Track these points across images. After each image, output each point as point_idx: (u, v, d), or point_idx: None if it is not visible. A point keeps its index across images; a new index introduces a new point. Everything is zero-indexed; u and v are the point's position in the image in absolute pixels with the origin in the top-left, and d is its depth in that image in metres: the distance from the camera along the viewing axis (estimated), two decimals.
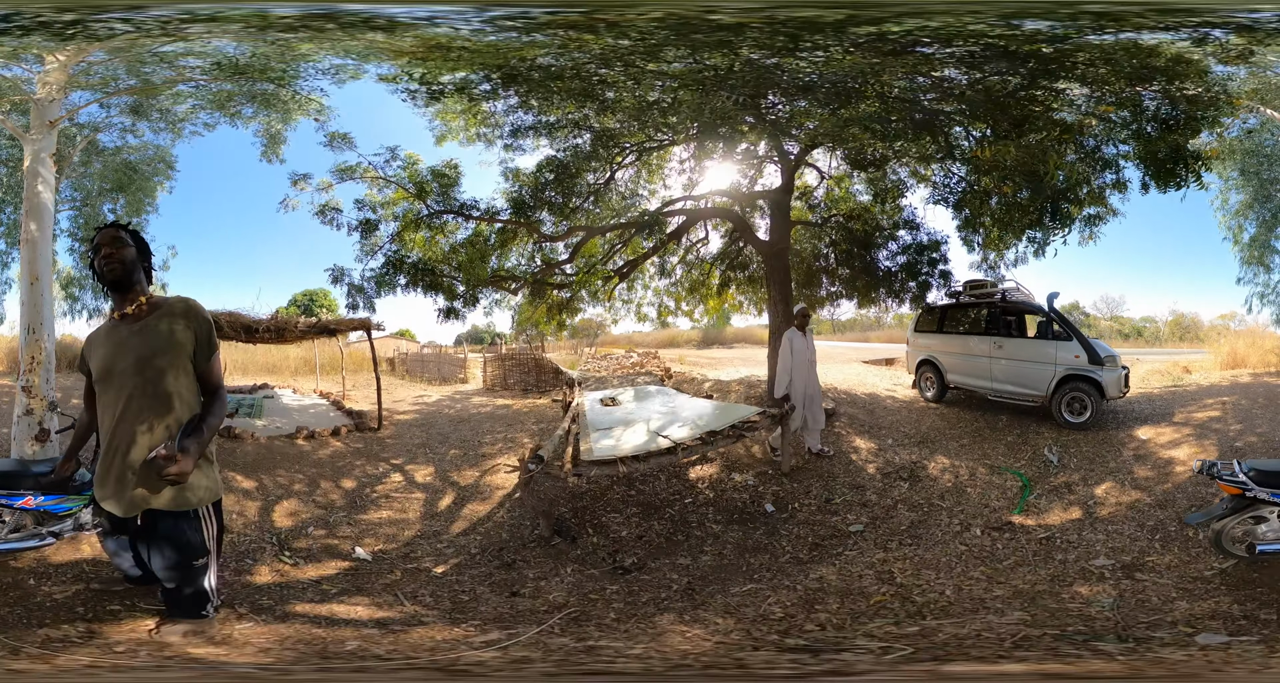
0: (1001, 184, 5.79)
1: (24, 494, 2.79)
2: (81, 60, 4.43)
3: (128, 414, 1.91)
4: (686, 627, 2.40)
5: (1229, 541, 2.85)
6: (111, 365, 1.96)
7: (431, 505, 4.44)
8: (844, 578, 2.94)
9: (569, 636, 2.35)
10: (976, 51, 4.45)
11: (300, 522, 3.93)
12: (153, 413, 1.91)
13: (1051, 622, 2.37)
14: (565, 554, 3.47)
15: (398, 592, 2.90)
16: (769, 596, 2.74)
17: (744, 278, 7.51)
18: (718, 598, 2.78)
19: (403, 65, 5.10)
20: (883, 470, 4.77)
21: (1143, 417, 5.59)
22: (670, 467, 4.61)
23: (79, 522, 2.92)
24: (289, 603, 2.74)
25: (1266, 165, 7.02)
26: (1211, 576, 2.79)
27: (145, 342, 1.95)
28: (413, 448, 5.97)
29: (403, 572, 3.22)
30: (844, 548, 3.49)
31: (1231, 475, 2.86)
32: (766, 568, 3.25)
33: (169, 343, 1.95)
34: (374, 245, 6.56)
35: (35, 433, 4.14)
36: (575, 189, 6.44)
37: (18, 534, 2.86)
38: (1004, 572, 2.97)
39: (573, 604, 2.75)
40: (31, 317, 4.19)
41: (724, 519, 3.96)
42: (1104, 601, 2.60)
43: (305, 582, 3.02)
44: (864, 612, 2.55)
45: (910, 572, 2.99)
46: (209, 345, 2.03)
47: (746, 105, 5.46)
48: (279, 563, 3.25)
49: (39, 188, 4.27)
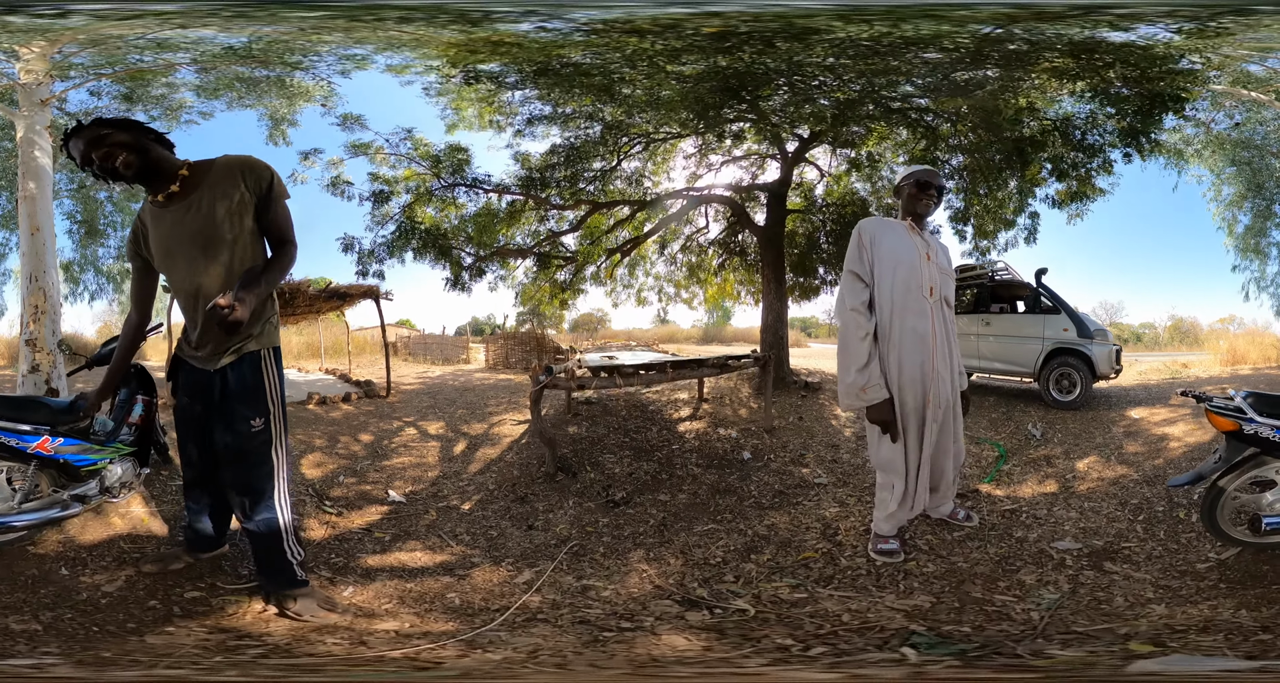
0: (962, 130, 6.07)
1: (39, 434, 2.26)
2: (58, 49, 4.41)
3: (201, 294, 1.92)
4: (646, 566, 2.80)
5: (1226, 518, 2.29)
6: (174, 244, 1.92)
7: (448, 451, 4.92)
8: (792, 529, 3.14)
9: (571, 574, 2.76)
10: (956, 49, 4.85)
11: (329, 472, 4.27)
12: (226, 282, 1.91)
13: (943, 616, 2.08)
14: (567, 488, 4.01)
15: (440, 533, 3.31)
16: (721, 538, 3.09)
17: (741, 265, 8.06)
18: (680, 536, 3.20)
19: (436, 53, 5.29)
20: (859, 434, 5.09)
21: (1137, 399, 5.57)
22: (657, 412, 5.09)
23: (104, 485, 2.50)
24: (358, 557, 2.89)
25: (1258, 156, 7.15)
26: (1207, 570, 2.31)
27: (200, 221, 1.88)
28: (423, 409, 6.47)
29: (436, 511, 3.67)
30: (803, 498, 3.75)
31: (1225, 403, 2.29)
32: (730, 510, 3.64)
33: (226, 215, 1.88)
34: (385, 215, 7.10)
35: (44, 392, 4.07)
36: (582, 173, 6.95)
37: (34, 503, 2.29)
38: (950, 544, 2.74)
39: (574, 537, 3.27)
40: (33, 265, 4.15)
41: (704, 463, 4.45)
42: (1044, 597, 2.17)
43: (357, 532, 3.26)
44: (786, 568, 2.64)
45: (856, 531, 3.00)
46: (270, 197, 1.95)
47: (747, 105, 6.00)
48: (324, 514, 3.48)
49: (35, 152, 4.30)
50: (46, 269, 4.20)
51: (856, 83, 5.75)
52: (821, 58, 5.09)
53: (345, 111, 6.59)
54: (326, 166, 7.04)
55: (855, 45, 4.68)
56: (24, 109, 4.31)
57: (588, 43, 4.84)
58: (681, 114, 6.23)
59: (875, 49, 4.78)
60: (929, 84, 5.59)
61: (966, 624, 2.03)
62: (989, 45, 4.68)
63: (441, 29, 4.53)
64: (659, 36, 4.59)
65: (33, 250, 4.18)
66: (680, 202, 7.57)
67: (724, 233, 8.14)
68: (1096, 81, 5.38)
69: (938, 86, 5.57)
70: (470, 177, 6.98)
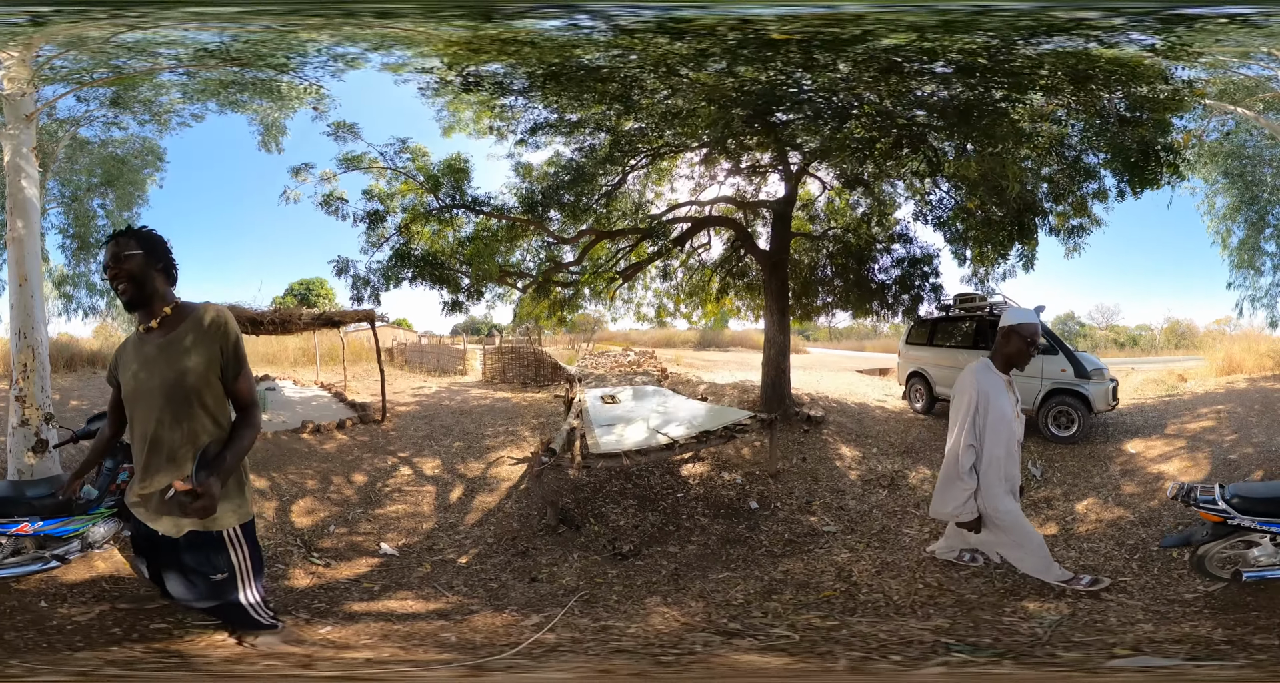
0: (970, 200, 6.14)
1: (18, 522, 2.63)
2: (37, 52, 4.28)
3: (160, 438, 1.92)
4: (667, 608, 2.87)
5: (1214, 564, 2.66)
6: (140, 384, 1.95)
7: (444, 498, 4.91)
8: (807, 572, 3.26)
9: (586, 616, 2.80)
10: (953, 64, 4.80)
11: (320, 521, 4.24)
12: (183, 435, 1.92)
13: (963, 632, 2.39)
14: (571, 542, 4.00)
15: (434, 584, 3.29)
16: (739, 583, 3.16)
17: (742, 285, 8.03)
18: (697, 583, 3.26)
19: (434, 51, 5.04)
20: (864, 478, 5.19)
21: (1133, 429, 5.68)
22: (666, 462, 5.15)
23: (87, 541, 2.79)
24: (343, 603, 2.92)
25: (1250, 167, 7.16)
26: (1194, 599, 2.69)
27: (170, 360, 1.91)
28: (418, 440, 6.45)
29: (431, 564, 3.65)
30: (814, 546, 3.89)
31: (1211, 503, 2.61)
32: (743, 559, 3.72)
33: (194, 361, 1.91)
34: (380, 237, 6.96)
35: (32, 445, 4.03)
36: (588, 191, 6.80)
37: (17, 558, 2.70)
38: (958, 581, 2.97)
39: (583, 588, 3.26)
40: (21, 321, 4.04)
41: (711, 513, 4.49)
42: (1045, 617, 2.49)
43: (345, 582, 3.24)
44: (809, 604, 2.85)
45: (869, 572, 3.19)
46: (236, 361, 1.97)
47: (755, 119, 5.91)
48: (310, 565, 3.44)
49: (22, 183, 4.11)
50: (35, 325, 4.08)
51: (870, 107, 5.70)
52: (836, 74, 5.04)
53: (337, 117, 6.41)
54: (319, 182, 6.91)
55: (880, 57, 4.63)
56: (9, 126, 4.12)
57: (608, 43, 4.68)
58: (701, 131, 6.12)
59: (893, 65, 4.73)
60: (936, 103, 5.56)
61: (986, 637, 2.39)
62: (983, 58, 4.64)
63: (443, 25, 4.37)
64: (686, 41, 4.42)
65: (20, 304, 4.04)
66: (685, 225, 7.50)
67: (726, 252, 8.11)
68: (1083, 98, 5.33)
69: (943, 107, 5.54)
70: (470, 197, 6.86)
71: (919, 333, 7.61)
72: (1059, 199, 6.32)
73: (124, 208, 7.17)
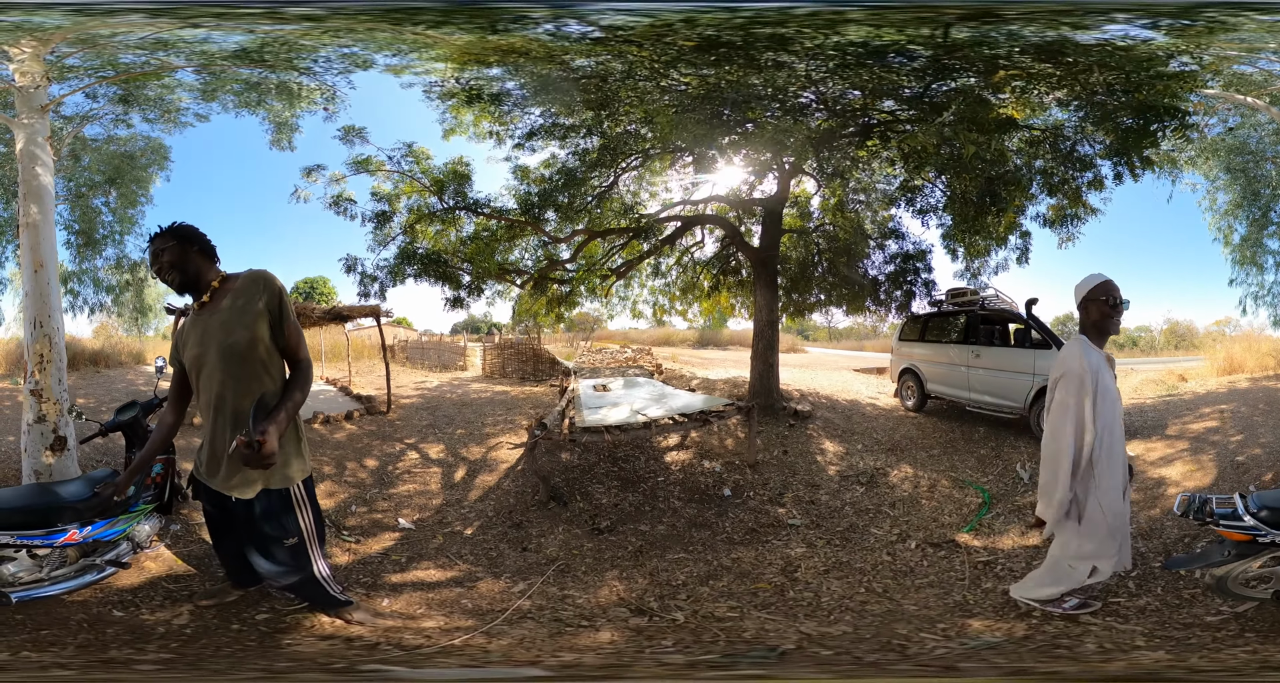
0: (923, 174, 6.10)
1: (65, 530, 2.41)
2: (50, 50, 4.23)
3: (225, 399, 2.04)
4: (619, 583, 3.21)
5: (1238, 584, 2.20)
6: (201, 357, 2.07)
7: (449, 478, 5.25)
8: (755, 562, 3.37)
9: (556, 586, 3.20)
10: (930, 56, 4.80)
11: (341, 501, 4.56)
12: (245, 395, 2.02)
13: (850, 644, 2.29)
14: (558, 516, 4.35)
15: (447, 554, 3.73)
16: (687, 565, 3.43)
17: (734, 282, 8.28)
18: (653, 561, 3.57)
19: (440, 56, 5.18)
20: (842, 474, 5.19)
21: (1132, 430, 5.37)
22: (652, 447, 5.46)
23: (136, 541, 2.71)
24: (383, 576, 3.29)
25: (1253, 162, 6.99)
26: (1219, 622, 2.29)
27: (225, 325, 2.05)
28: (422, 429, 6.77)
29: (443, 535, 4.03)
30: (773, 537, 3.99)
31: (1233, 518, 2.13)
32: (703, 543, 3.95)
33: (243, 323, 2.03)
34: (387, 236, 7.37)
35: (50, 443, 3.78)
36: (581, 193, 7.12)
37: (64, 570, 2.46)
38: (911, 589, 2.85)
39: (561, 558, 3.67)
40: (37, 308, 3.85)
41: (685, 497, 4.75)
42: (985, 639, 2.20)
43: (376, 555, 3.61)
44: (737, 593, 2.97)
45: (816, 570, 3.20)
46: (281, 312, 2.07)
47: (739, 119, 6.15)
48: (344, 542, 3.75)
49: (37, 169, 4.00)
50: (51, 312, 3.88)
51: (839, 101, 5.85)
52: (805, 71, 5.18)
53: (346, 118, 6.63)
54: (329, 183, 7.30)
55: (839, 52, 4.71)
56: (23, 116, 4.06)
57: (590, 50, 4.89)
58: (674, 136, 6.35)
59: (855, 59, 4.80)
60: (909, 96, 5.62)
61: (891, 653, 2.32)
62: (956, 49, 4.63)
63: (455, 31, 4.55)
64: (654, 45, 4.61)
65: (36, 290, 3.85)
66: (676, 224, 7.79)
67: (718, 251, 8.37)
68: (1077, 89, 5.23)
69: (915, 100, 5.60)
70: (471, 199, 7.23)
71: (911, 329, 7.61)
72: (1053, 192, 6.30)
73: (128, 205, 7.24)
